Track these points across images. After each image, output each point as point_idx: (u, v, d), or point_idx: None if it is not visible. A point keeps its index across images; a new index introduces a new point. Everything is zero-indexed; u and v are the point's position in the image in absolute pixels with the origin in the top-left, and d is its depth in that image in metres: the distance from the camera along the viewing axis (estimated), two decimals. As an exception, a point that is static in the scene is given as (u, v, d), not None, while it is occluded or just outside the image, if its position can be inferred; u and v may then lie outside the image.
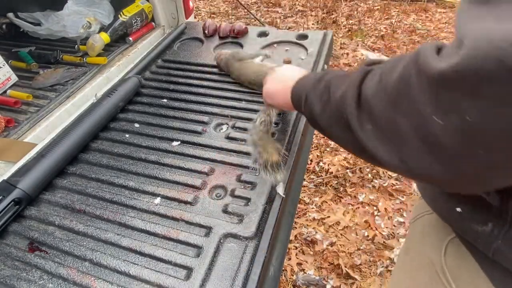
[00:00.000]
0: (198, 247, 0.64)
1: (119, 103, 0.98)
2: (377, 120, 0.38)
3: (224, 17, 3.76)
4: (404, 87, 0.35)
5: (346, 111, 0.43)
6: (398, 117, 0.35)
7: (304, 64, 1.09)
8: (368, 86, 0.41)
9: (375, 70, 0.42)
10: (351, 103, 0.42)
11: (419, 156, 0.34)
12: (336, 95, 0.46)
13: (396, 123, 0.36)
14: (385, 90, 0.37)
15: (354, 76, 0.44)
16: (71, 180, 0.81)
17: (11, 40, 1.39)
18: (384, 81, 0.38)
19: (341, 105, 0.44)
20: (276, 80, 0.71)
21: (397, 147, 0.37)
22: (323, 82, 0.51)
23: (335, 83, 0.48)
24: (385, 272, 1.46)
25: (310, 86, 0.55)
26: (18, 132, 0.93)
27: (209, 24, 1.31)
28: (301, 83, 0.60)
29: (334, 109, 0.47)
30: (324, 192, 1.81)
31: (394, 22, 3.30)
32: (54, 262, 0.64)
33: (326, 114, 0.49)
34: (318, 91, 0.52)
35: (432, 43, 0.35)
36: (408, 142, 0.35)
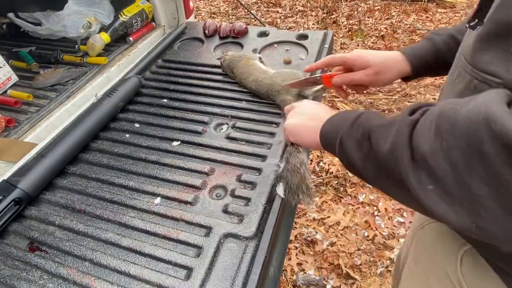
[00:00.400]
0: (198, 247, 0.64)
1: (119, 103, 0.98)
2: (441, 181, 0.35)
3: (225, 17, 3.76)
4: (476, 154, 0.31)
5: (399, 168, 0.39)
6: (471, 183, 0.32)
7: (305, 64, 1.09)
8: (422, 142, 0.37)
9: (423, 120, 0.39)
10: (404, 160, 0.38)
11: (501, 224, 0.31)
12: (382, 148, 0.42)
13: (468, 188, 0.32)
14: (448, 151, 0.34)
15: (400, 126, 0.41)
16: (71, 180, 0.81)
17: (11, 40, 1.39)
18: (445, 139, 0.34)
19: (392, 161, 0.41)
20: (300, 117, 0.65)
21: (470, 212, 0.33)
22: (360, 128, 0.48)
23: (376, 133, 0.45)
24: (385, 272, 1.46)
25: (345, 130, 0.51)
26: (18, 132, 0.94)
27: (209, 24, 1.31)
28: (331, 123, 0.56)
29: (381, 163, 0.43)
30: (324, 192, 1.81)
31: (394, 22, 3.30)
32: (54, 262, 0.64)
33: (370, 166, 0.46)
34: (355, 138, 0.48)
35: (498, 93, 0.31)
36: (486, 208, 0.31)
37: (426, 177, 0.36)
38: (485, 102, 0.31)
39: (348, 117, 0.52)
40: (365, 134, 0.46)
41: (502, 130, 0.28)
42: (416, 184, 0.38)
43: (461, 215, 0.34)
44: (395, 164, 0.40)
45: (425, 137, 0.37)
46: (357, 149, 0.47)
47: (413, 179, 0.38)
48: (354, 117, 0.51)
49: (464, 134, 0.32)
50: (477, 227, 0.33)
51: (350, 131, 0.50)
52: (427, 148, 0.36)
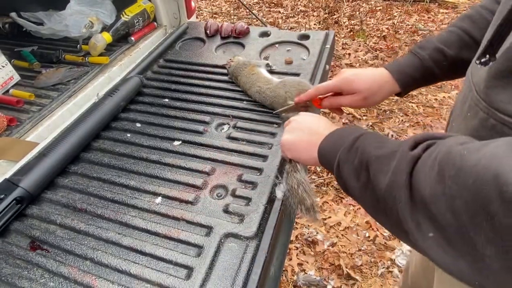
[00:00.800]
0: (199, 247, 0.64)
1: (120, 103, 0.98)
2: (443, 230, 0.32)
3: (226, 17, 3.76)
4: (482, 212, 0.28)
5: (397, 209, 0.37)
6: (477, 240, 0.29)
7: (306, 64, 1.09)
8: (422, 183, 0.35)
9: (425, 157, 0.36)
10: (402, 201, 0.36)
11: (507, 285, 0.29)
12: (380, 184, 0.40)
13: (473, 244, 0.30)
14: (451, 199, 0.31)
15: (400, 163, 0.38)
16: (72, 179, 0.81)
17: (13, 39, 1.40)
18: (449, 186, 0.31)
19: (390, 199, 0.38)
20: (298, 132, 0.63)
21: (473, 268, 0.31)
22: (358, 154, 0.45)
23: (375, 165, 0.42)
24: (386, 273, 1.46)
25: (343, 151, 0.48)
26: (20, 131, 0.94)
27: (211, 24, 1.32)
28: (330, 141, 0.54)
29: (378, 199, 0.41)
30: (325, 193, 1.81)
31: (396, 22, 3.30)
32: (55, 260, 0.64)
33: (367, 198, 0.44)
34: (352, 164, 0.46)
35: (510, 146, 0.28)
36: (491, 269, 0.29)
37: (426, 223, 0.34)
38: (497, 157, 0.29)
39: (347, 137, 0.49)
40: (363, 163, 0.44)
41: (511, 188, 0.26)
42: (415, 229, 0.35)
43: (463, 269, 0.32)
44: (393, 203, 0.38)
45: (426, 178, 0.34)
46: (355, 178, 0.45)
47: (411, 224, 0.35)
48: (353, 138, 0.48)
49: (470, 187, 0.29)
50: (480, 285, 0.31)
51: (348, 155, 0.47)
52: (427, 191, 0.34)
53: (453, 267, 0.33)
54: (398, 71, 0.70)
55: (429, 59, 0.69)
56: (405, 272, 0.98)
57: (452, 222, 0.31)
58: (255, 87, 0.97)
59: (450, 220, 0.31)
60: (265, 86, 0.95)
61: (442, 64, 0.68)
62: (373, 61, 2.80)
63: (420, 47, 0.71)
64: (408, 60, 0.71)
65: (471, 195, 0.29)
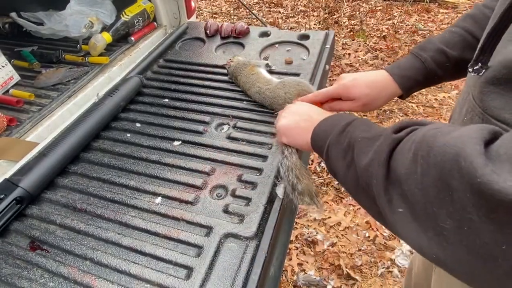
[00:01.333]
0: (199, 247, 0.64)
1: (120, 103, 0.98)
2: (411, 206, 0.34)
3: (226, 17, 3.76)
4: (447, 187, 0.30)
5: (372, 185, 0.39)
6: (439, 214, 0.31)
7: (306, 64, 1.09)
8: (399, 162, 0.36)
9: (405, 140, 0.38)
10: (379, 178, 0.38)
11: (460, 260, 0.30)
12: (361, 162, 0.42)
13: (436, 218, 0.31)
14: (421, 177, 0.33)
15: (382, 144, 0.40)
16: (72, 179, 0.81)
17: (13, 39, 1.40)
18: (420, 165, 0.33)
19: (367, 176, 0.40)
20: (293, 117, 0.65)
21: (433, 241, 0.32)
22: (347, 137, 0.47)
23: (360, 145, 0.44)
24: (386, 273, 1.46)
25: (333, 136, 0.50)
26: (20, 131, 0.94)
27: (211, 24, 1.32)
28: (323, 127, 0.55)
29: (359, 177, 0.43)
30: (325, 193, 1.81)
31: (396, 22, 3.30)
32: (55, 261, 0.64)
33: (349, 177, 0.45)
34: (341, 147, 0.47)
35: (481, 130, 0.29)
36: (449, 241, 0.30)
37: (397, 199, 0.36)
38: (463, 137, 0.30)
39: (339, 123, 0.51)
40: (351, 145, 0.46)
41: (470, 170, 0.27)
42: (386, 204, 0.37)
43: (424, 242, 0.33)
44: (370, 180, 0.40)
45: (402, 159, 0.36)
46: (342, 159, 0.47)
47: (383, 199, 0.37)
48: (344, 124, 0.50)
49: (438, 165, 0.31)
50: (437, 258, 0.33)
51: (338, 139, 0.49)
52: (402, 171, 0.35)
53: (415, 241, 0.34)
54: (399, 74, 0.70)
55: (431, 60, 0.68)
56: (408, 274, 0.97)
57: (419, 198, 0.33)
58: (254, 88, 0.97)
59: (418, 197, 0.33)
60: (265, 86, 0.95)
61: (445, 65, 0.68)
62: (373, 61, 2.80)
63: (421, 48, 0.70)
64: (410, 62, 0.70)
65: (438, 172, 0.31)
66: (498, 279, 0.28)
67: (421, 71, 0.69)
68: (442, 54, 0.67)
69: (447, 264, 0.32)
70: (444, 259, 0.32)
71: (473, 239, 0.28)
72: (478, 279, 0.30)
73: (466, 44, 0.66)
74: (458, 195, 0.28)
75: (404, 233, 0.36)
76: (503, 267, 0.27)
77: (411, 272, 0.94)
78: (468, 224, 0.28)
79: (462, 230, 0.29)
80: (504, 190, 0.24)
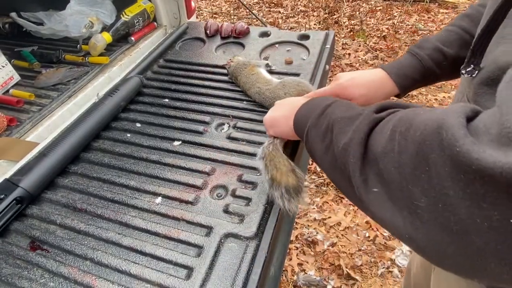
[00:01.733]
0: (199, 247, 0.64)
1: (121, 103, 0.98)
2: (386, 185, 0.33)
3: (226, 17, 3.76)
4: (424, 162, 0.29)
5: (349, 164, 0.38)
6: (414, 191, 0.30)
7: (306, 64, 1.09)
8: (377, 140, 0.36)
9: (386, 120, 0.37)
10: (355, 157, 0.37)
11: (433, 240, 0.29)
12: (340, 142, 0.41)
13: (410, 197, 0.31)
14: (398, 155, 0.32)
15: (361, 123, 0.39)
16: (72, 179, 0.81)
17: (13, 39, 1.40)
18: (398, 141, 0.33)
19: (344, 156, 0.40)
20: (279, 108, 0.65)
21: (407, 221, 0.31)
22: (326, 119, 0.47)
23: (340, 125, 0.43)
24: (386, 273, 1.46)
25: (313, 119, 0.50)
26: (20, 131, 0.94)
27: (211, 24, 1.32)
28: (304, 111, 0.55)
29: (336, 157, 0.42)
30: (325, 193, 1.81)
31: (396, 22, 3.30)
32: (55, 261, 0.64)
33: (327, 159, 0.45)
34: (320, 129, 0.47)
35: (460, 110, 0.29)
36: (423, 220, 0.30)
37: (373, 179, 0.35)
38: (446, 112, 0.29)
39: (319, 105, 0.50)
40: (329, 126, 0.45)
41: (451, 140, 0.27)
42: (361, 184, 0.36)
43: (399, 223, 0.32)
44: (347, 160, 0.39)
45: (381, 138, 0.35)
46: (320, 141, 0.46)
47: (359, 178, 0.37)
48: (324, 106, 0.49)
49: (416, 140, 0.30)
50: (410, 238, 0.32)
51: (317, 121, 0.48)
52: (380, 149, 0.35)
53: (390, 221, 0.33)
54: (397, 73, 0.69)
55: (429, 59, 0.68)
56: (407, 274, 0.97)
57: (395, 177, 0.32)
58: (254, 88, 0.97)
59: (394, 175, 0.32)
60: (265, 87, 0.94)
61: (442, 64, 0.68)
62: (373, 61, 2.80)
63: (419, 47, 0.70)
64: (407, 61, 0.70)
65: (416, 147, 0.30)
66: (470, 257, 0.27)
67: (419, 69, 0.69)
68: (439, 53, 0.67)
69: (420, 244, 0.31)
70: (416, 238, 0.31)
71: (447, 216, 0.28)
72: (449, 258, 0.29)
73: (462, 42, 0.66)
74: (436, 169, 0.28)
75: (379, 214, 0.35)
76: (476, 243, 0.26)
77: (410, 273, 0.94)
78: (443, 200, 0.28)
79: (437, 207, 0.28)
80: (483, 159, 0.24)
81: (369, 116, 0.40)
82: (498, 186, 0.24)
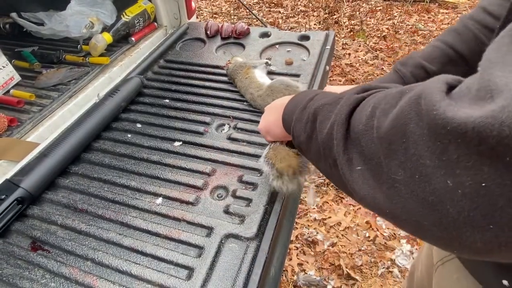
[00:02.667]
0: (200, 247, 0.64)
1: (121, 103, 0.98)
2: (368, 162, 0.33)
3: (226, 17, 3.76)
4: (400, 134, 0.29)
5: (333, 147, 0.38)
6: (391, 165, 0.30)
7: (306, 65, 1.09)
8: (358, 119, 0.36)
9: (367, 99, 0.37)
10: (338, 137, 0.37)
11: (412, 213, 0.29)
12: (324, 129, 0.41)
13: (388, 171, 0.31)
14: (377, 130, 0.32)
15: (342, 105, 0.39)
16: (73, 180, 0.81)
17: (14, 39, 1.40)
18: (377, 117, 0.33)
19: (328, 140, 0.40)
20: (269, 113, 0.65)
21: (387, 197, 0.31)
22: (308, 109, 0.47)
23: (323, 112, 0.43)
24: (386, 273, 1.46)
25: (297, 113, 0.50)
26: (21, 131, 0.94)
27: (211, 24, 1.32)
28: (289, 107, 0.55)
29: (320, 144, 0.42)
30: (325, 193, 1.81)
31: (396, 22, 3.30)
32: (56, 261, 0.64)
33: (313, 148, 0.44)
34: (304, 120, 0.47)
35: (441, 78, 0.29)
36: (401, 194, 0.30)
37: (356, 158, 0.35)
38: (426, 82, 0.29)
39: (303, 99, 0.50)
40: (313, 115, 0.45)
41: (429, 107, 0.26)
42: (345, 163, 0.36)
43: (379, 198, 0.32)
44: (331, 143, 0.39)
45: (361, 116, 0.35)
46: (303, 131, 0.46)
47: (343, 158, 0.36)
48: (307, 100, 0.49)
49: (394, 113, 0.30)
50: (390, 213, 0.32)
51: (300, 115, 0.48)
52: (361, 127, 0.35)
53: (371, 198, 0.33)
54: None
55: (411, 76, 0.68)
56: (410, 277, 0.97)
57: (375, 151, 0.32)
58: (248, 94, 0.98)
59: (374, 150, 0.32)
60: (256, 93, 0.95)
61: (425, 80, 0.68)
62: (373, 61, 2.80)
63: (402, 63, 0.71)
64: (390, 78, 0.71)
65: (393, 120, 0.30)
66: (447, 228, 0.27)
67: None
68: (421, 69, 0.68)
69: (399, 218, 0.31)
70: (396, 212, 0.31)
71: (423, 187, 0.27)
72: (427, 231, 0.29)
73: (446, 59, 0.66)
74: (414, 139, 0.28)
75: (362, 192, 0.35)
76: (451, 214, 0.26)
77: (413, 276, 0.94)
78: (420, 171, 0.27)
79: (414, 179, 0.28)
80: (457, 117, 0.24)
81: (350, 97, 0.40)
82: (470, 146, 0.24)
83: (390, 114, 0.31)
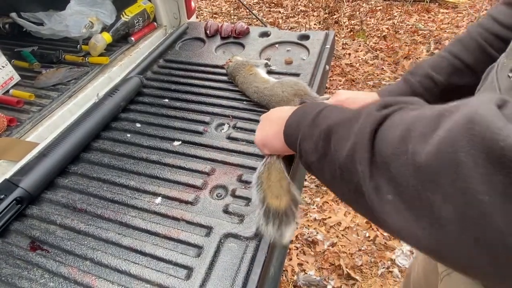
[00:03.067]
0: (199, 247, 0.64)
1: (120, 103, 0.98)
2: (401, 192, 0.30)
3: (226, 17, 3.76)
4: (446, 162, 0.25)
5: (356, 172, 0.34)
6: (435, 199, 0.26)
7: (306, 64, 1.09)
8: (385, 141, 0.32)
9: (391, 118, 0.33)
10: (363, 163, 0.33)
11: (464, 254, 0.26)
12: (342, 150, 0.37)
13: (431, 205, 0.27)
14: (413, 156, 0.28)
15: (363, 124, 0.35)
16: (72, 180, 0.81)
17: (14, 39, 1.40)
18: (413, 142, 0.29)
19: (350, 163, 0.35)
20: (266, 124, 0.62)
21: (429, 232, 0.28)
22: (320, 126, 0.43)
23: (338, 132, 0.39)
24: (386, 273, 1.46)
25: (305, 128, 0.46)
26: (20, 131, 0.94)
27: (211, 24, 1.32)
28: (294, 120, 0.51)
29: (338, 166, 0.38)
30: (326, 193, 1.81)
31: (396, 22, 3.30)
32: (55, 261, 0.64)
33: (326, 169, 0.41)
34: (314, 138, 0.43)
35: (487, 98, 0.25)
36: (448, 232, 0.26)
37: (386, 185, 0.31)
38: (472, 105, 0.26)
39: (310, 113, 0.46)
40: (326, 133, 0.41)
41: (486, 134, 0.23)
42: (372, 191, 0.32)
43: (419, 234, 0.29)
44: (353, 167, 0.35)
45: (389, 137, 0.32)
46: (315, 151, 0.43)
47: (369, 186, 0.33)
48: (315, 113, 0.45)
49: (439, 140, 0.26)
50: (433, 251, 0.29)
51: (309, 131, 0.45)
52: (390, 150, 0.31)
53: (409, 232, 0.30)
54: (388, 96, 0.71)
55: (419, 86, 0.68)
56: (406, 278, 0.97)
57: (409, 180, 0.29)
58: (252, 88, 0.97)
59: (408, 178, 0.29)
60: (263, 86, 0.95)
61: (433, 90, 0.68)
62: (373, 61, 2.80)
63: (411, 73, 0.71)
64: (399, 88, 0.71)
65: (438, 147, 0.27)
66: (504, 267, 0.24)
67: (408, 95, 0.69)
68: (429, 79, 0.68)
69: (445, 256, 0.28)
70: (440, 250, 0.28)
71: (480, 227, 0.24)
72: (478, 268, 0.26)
73: (453, 69, 0.67)
74: (465, 172, 0.24)
75: (395, 225, 0.31)
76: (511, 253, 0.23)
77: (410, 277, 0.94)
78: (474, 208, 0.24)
79: (466, 216, 0.24)
80: None
81: (370, 114, 0.35)
82: None
83: (431, 139, 0.27)
